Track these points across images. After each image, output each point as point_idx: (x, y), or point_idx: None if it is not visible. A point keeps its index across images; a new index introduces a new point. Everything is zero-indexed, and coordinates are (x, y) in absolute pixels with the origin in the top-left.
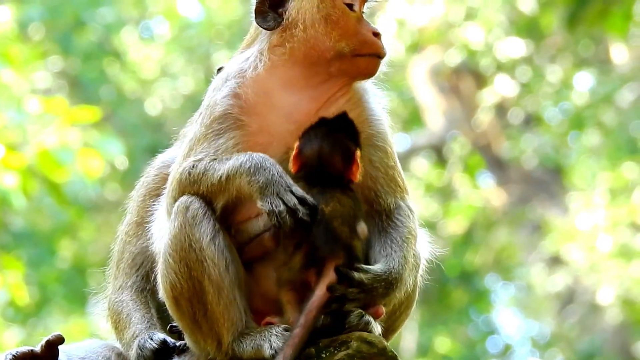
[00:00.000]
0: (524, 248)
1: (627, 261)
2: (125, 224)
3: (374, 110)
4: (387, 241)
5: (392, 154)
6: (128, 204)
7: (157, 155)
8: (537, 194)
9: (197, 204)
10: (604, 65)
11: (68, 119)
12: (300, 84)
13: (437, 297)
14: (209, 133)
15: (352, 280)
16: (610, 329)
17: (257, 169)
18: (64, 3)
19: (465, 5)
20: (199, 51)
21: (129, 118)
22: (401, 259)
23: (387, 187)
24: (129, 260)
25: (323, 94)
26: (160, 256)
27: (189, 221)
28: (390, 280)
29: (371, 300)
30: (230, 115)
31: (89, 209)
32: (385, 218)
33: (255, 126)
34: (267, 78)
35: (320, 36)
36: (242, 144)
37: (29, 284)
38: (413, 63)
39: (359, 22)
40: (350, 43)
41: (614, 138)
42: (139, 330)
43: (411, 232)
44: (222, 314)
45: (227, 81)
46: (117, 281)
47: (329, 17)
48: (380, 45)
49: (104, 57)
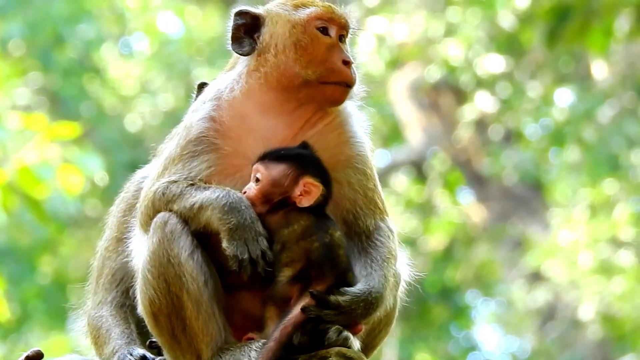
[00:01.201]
0: (504, 264)
1: (608, 277)
2: (104, 240)
3: (354, 132)
4: (368, 261)
5: (371, 176)
6: (107, 219)
7: (136, 171)
8: (518, 210)
9: (175, 220)
10: (584, 81)
11: (48, 135)
12: (275, 109)
13: (418, 313)
14: (184, 154)
15: (329, 303)
16: (591, 345)
17: (232, 208)
18: (44, 20)
19: (445, 22)
20: (179, 67)
21: (109, 134)
22: (381, 278)
23: (367, 209)
24: (109, 276)
25: (298, 119)
26: (139, 272)
27: (167, 236)
28: (371, 300)
29: (351, 320)
30: (205, 139)
31: (69, 225)
32: (365, 239)
33: (229, 149)
34: (243, 102)
35: (290, 62)
36: (216, 167)
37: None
38: (393, 79)
39: (330, 49)
40: (318, 70)
41: (595, 154)
42: (119, 345)
43: (391, 252)
44: (201, 329)
45: (204, 104)
46: (97, 296)
47: (299, 43)
48: (347, 74)
49: (83, 74)
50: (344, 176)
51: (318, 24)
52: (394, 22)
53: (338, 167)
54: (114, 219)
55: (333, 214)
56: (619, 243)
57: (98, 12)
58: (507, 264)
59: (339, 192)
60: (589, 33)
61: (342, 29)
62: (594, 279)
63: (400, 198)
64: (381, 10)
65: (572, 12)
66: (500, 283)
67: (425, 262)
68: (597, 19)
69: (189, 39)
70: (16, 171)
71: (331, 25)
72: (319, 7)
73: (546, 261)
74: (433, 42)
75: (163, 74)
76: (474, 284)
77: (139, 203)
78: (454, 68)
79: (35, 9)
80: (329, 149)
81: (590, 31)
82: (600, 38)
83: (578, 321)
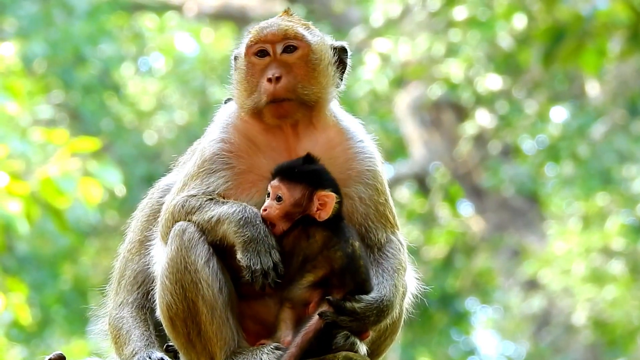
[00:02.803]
0: (502, 273)
1: (600, 285)
2: (127, 242)
3: (362, 147)
4: (379, 271)
5: (382, 191)
6: (130, 223)
7: (153, 183)
8: (515, 221)
9: (193, 229)
10: (578, 99)
11: (69, 149)
12: (270, 130)
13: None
14: (201, 172)
15: (345, 310)
16: (583, 349)
17: (247, 222)
18: (66, 39)
19: (446, 42)
20: (194, 85)
21: (127, 148)
22: (392, 287)
23: (378, 223)
24: (131, 278)
25: (291, 136)
26: (157, 279)
27: (185, 244)
28: (382, 308)
29: (364, 327)
30: (219, 158)
31: (89, 234)
32: (377, 251)
33: (243, 167)
34: (246, 125)
35: (240, 93)
36: (232, 182)
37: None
38: (397, 97)
39: (264, 70)
40: (255, 96)
41: (588, 168)
42: (138, 347)
43: (401, 263)
44: (215, 334)
45: (217, 126)
46: (119, 297)
47: (242, 74)
48: (269, 91)
49: (103, 91)
50: (355, 191)
51: (254, 49)
52: (398, 42)
53: (349, 183)
54: (137, 223)
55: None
56: (611, 253)
57: (118, 32)
58: (505, 273)
59: (351, 207)
60: (583, 53)
61: (277, 42)
62: (586, 287)
63: (404, 210)
64: (386, 32)
65: (566, 34)
66: (498, 290)
67: (426, 270)
68: (590, 40)
69: (204, 58)
70: (39, 183)
71: (265, 45)
72: (252, 33)
73: (541, 270)
74: (435, 61)
75: (179, 90)
76: (473, 291)
77: (161, 216)
78: (455, 86)
79: (57, 29)
80: (338, 165)
81: (584, 52)
82: (593, 58)
83: (571, 326)
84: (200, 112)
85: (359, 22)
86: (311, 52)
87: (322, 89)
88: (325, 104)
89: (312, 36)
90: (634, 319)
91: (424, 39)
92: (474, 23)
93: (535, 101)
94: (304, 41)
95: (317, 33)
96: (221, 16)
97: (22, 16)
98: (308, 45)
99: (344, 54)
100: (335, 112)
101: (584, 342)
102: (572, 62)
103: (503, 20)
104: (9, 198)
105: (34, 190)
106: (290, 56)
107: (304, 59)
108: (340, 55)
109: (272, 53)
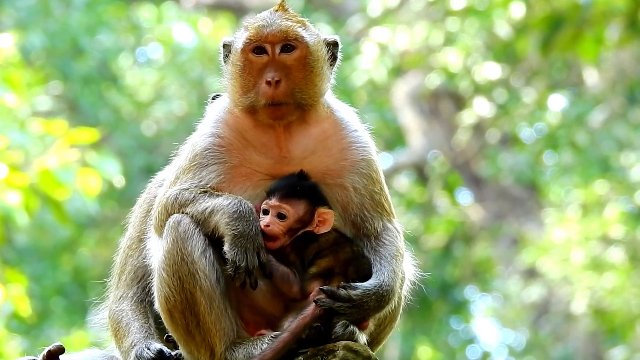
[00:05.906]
0: (501, 261)
1: (599, 273)
2: (127, 238)
3: (356, 136)
4: (377, 258)
5: (377, 179)
6: (130, 218)
7: (152, 175)
8: (514, 209)
9: (188, 220)
10: (577, 87)
11: (68, 140)
12: (261, 125)
13: (419, 307)
14: (193, 165)
15: (339, 297)
16: (583, 337)
17: (241, 216)
18: (64, 30)
19: (444, 31)
20: (192, 75)
21: (126, 139)
22: (391, 273)
23: (374, 212)
24: (131, 273)
25: (283, 133)
26: (155, 271)
27: (181, 236)
28: (382, 293)
29: (365, 313)
30: (211, 153)
31: (88, 225)
32: (374, 239)
33: (235, 161)
34: (237, 120)
35: (235, 89)
36: (225, 176)
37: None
38: (395, 86)
39: (262, 70)
40: (251, 96)
41: (586, 156)
42: (137, 339)
43: (399, 250)
44: (214, 324)
45: (209, 121)
46: (119, 292)
47: (237, 70)
48: (268, 95)
49: (101, 82)
50: (349, 182)
51: (253, 46)
52: (396, 32)
53: (343, 173)
54: (136, 219)
55: (342, 217)
56: (610, 241)
57: (115, 23)
58: (504, 261)
59: (346, 197)
60: (581, 41)
61: (277, 42)
62: (586, 275)
63: (403, 199)
64: (384, 21)
65: (564, 22)
66: (497, 279)
67: (426, 259)
68: (588, 28)
69: (202, 49)
70: (38, 174)
71: (264, 44)
72: (250, 30)
73: (540, 258)
74: (433, 50)
75: (177, 81)
76: (472, 279)
77: (154, 209)
78: (453, 75)
79: (55, 21)
80: (332, 155)
81: (582, 40)
82: (591, 46)
83: (571, 315)
84: (199, 102)
85: (357, 11)
86: (309, 54)
87: (317, 90)
88: (320, 101)
89: (309, 36)
90: (634, 306)
91: (422, 28)
92: (471, 12)
93: (534, 89)
94: (303, 42)
95: (313, 31)
96: (219, 6)
97: (20, 7)
98: (306, 46)
99: (336, 47)
100: (329, 103)
101: (584, 330)
102: (570, 50)
103: (501, 8)
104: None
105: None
106: (288, 56)
107: (301, 60)
108: (332, 50)
109: (270, 52)
